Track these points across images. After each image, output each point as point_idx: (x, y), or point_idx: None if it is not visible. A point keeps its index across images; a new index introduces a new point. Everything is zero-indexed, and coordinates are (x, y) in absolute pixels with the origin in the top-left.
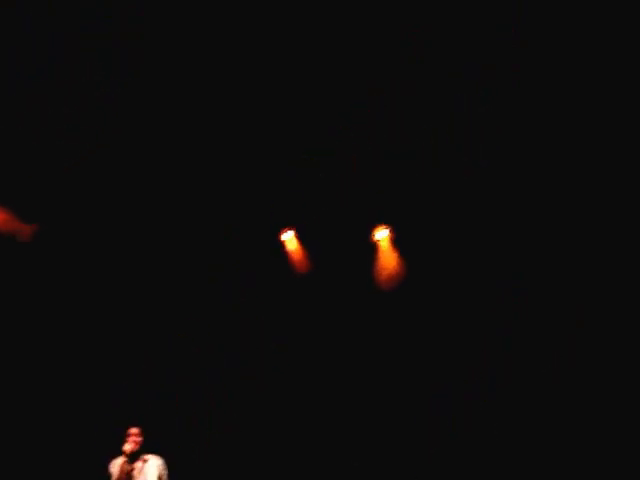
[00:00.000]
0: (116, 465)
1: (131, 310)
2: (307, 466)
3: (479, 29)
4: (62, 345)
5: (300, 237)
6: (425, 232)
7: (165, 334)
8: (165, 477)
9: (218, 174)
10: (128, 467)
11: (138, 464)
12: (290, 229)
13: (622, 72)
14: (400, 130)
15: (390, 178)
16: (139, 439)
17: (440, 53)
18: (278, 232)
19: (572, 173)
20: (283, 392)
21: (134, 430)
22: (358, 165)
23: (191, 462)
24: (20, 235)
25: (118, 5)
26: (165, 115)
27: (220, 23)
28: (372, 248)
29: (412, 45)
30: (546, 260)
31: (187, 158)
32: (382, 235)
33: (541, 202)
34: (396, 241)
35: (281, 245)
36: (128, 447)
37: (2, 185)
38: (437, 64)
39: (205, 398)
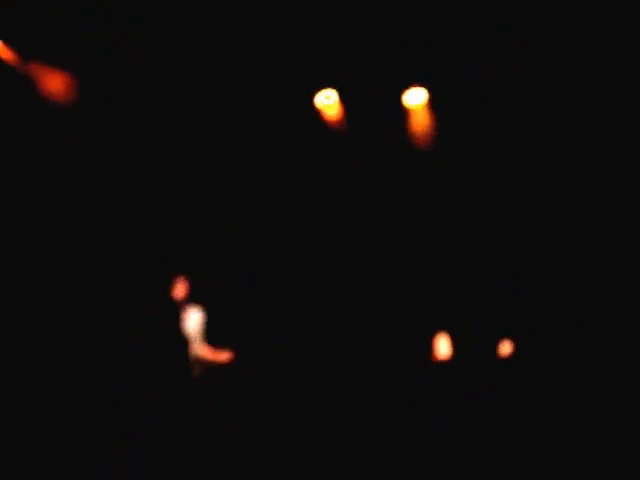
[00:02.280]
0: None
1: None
2: None
3: None
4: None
5: (336, 97)
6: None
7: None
8: (202, 329)
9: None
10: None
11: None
12: (327, 89)
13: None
14: None
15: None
16: (186, 288)
17: None
18: (314, 92)
19: None
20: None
21: (180, 278)
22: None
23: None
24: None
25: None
26: None
27: None
28: (406, 110)
29: None
30: None
31: None
32: (417, 96)
33: None
34: (432, 102)
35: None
36: (178, 293)
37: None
38: None
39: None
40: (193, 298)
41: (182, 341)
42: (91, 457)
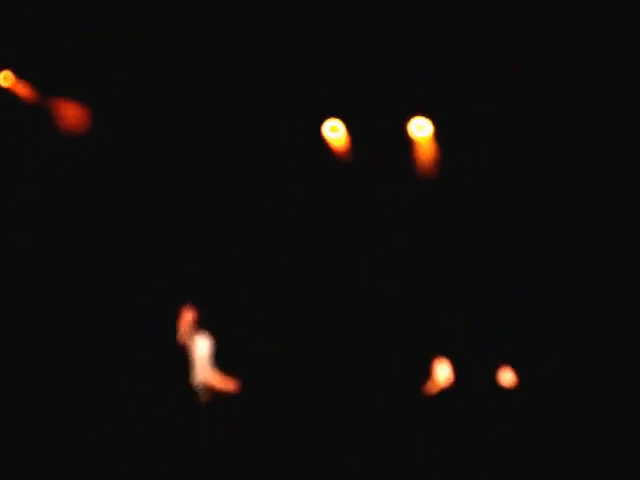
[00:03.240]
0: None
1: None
2: None
3: None
4: None
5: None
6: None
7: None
8: (210, 357)
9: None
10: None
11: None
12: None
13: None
14: None
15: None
16: (194, 315)
17: None
18: (320, 123)
19: None
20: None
21: (186, 307)
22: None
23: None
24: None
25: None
26: None
27: None
28: (411, 140)
29: None
30: None
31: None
32: (422, 126)
33: None
34: (437, 133)
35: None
36: (187, 321)
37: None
38: None
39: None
40: (202, 325)
41: (190, 368)
42: None
